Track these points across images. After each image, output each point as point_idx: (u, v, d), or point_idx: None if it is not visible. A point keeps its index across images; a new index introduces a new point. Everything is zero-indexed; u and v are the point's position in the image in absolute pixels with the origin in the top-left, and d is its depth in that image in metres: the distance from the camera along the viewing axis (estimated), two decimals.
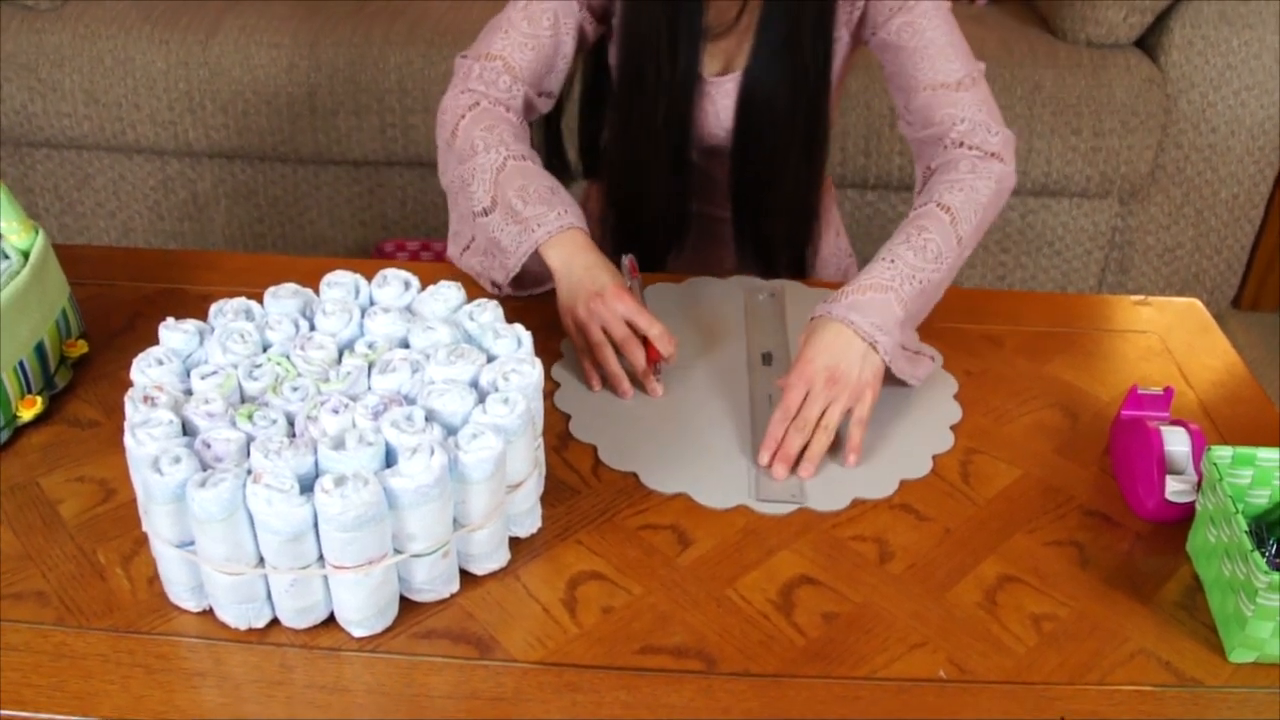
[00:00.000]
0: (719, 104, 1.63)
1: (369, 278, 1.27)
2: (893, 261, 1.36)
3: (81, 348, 1.42)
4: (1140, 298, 1.65)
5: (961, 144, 1.49)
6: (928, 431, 1.36)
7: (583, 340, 1.41)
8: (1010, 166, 1.50)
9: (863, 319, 1.31)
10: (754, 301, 1.57)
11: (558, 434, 1.33)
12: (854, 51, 1.66)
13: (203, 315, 1.22)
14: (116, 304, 1.55)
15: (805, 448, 1.29)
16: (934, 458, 1.32)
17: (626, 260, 1.49)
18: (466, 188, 1.49)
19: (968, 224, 1.42)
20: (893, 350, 1.32)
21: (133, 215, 3.03)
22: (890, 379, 1.35)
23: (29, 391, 1.32)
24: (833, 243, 1.87)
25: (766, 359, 1.46)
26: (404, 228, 2.98)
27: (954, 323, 1.52)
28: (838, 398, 1.30)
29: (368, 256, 2.97)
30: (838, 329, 1.32)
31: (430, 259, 2.93)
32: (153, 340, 1.19)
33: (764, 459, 1.29)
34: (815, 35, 1.56)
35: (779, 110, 1.61)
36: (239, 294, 1.25)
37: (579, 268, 1.41)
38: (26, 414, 1.31)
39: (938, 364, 1.45)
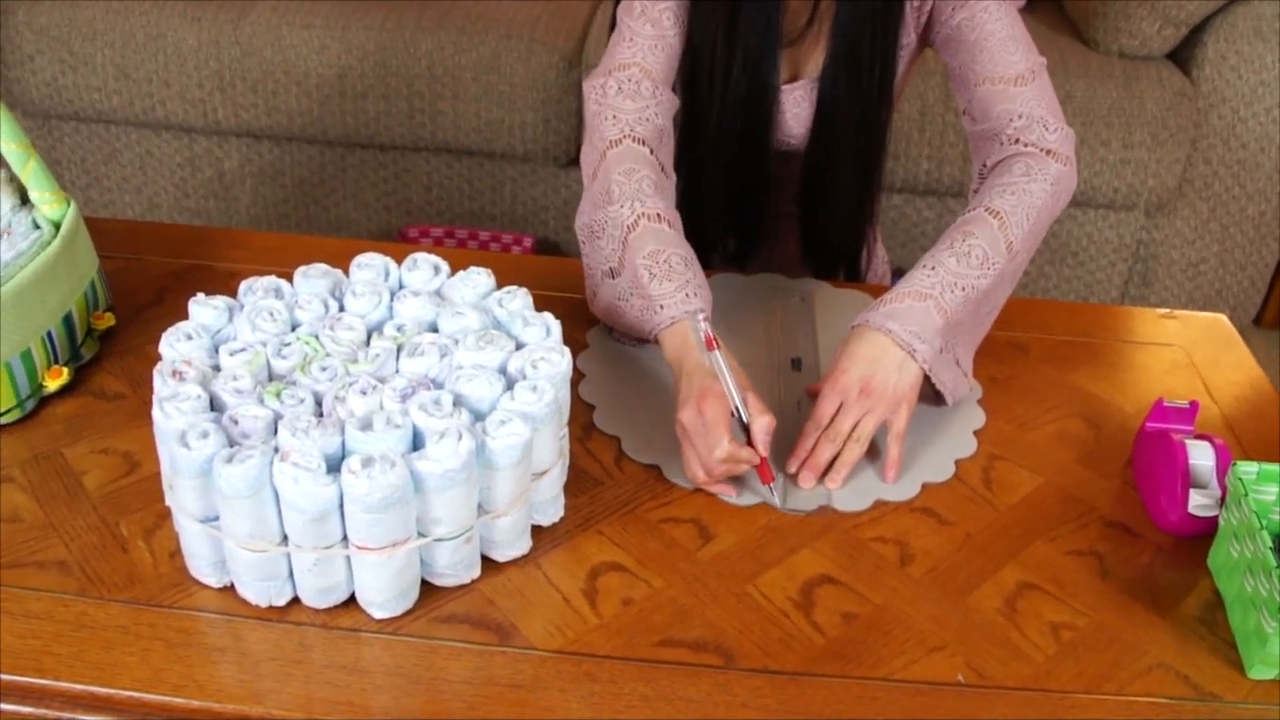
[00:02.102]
0: (789, 112, 1.62)
1: (399, 261, 1.28)
2: (934, 269, 1.33)
3: (109, 320, 1.42)
4: (1166, 311, 1.64)
5: (1017, 140, 1.45)
6: (951, 435, 1.36)
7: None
8: (1069, 167, 1.44)
9: (900, 327, 1.28)
10: (784, 305, 1.57)
11: (581, 424, 1.33)
12: (918, 54, 1.65)
13: (229, 292, 1.22)
14: (143, 278, 1.55)
15: (835, 458, 1.28)
16: (957, 462, 1.32)
17: (699, 334, 1.27)
18: (596, 240, 1.43)
19: (1019, 229, 1.36)
20: (932, 359, 1.29)
21: (158, 191, 3.04)
22: (920, 396, 1.33)
23: (55, 362, 1.33)
24: (871, 248, 1.87)
25: (796, 364, 1.45)
26: (428, 214, 2.98)
27: None
28: (872, 409, 1.27)
29: (391, 241, 2.98)
30: (874, 337, 1.29)
31: (453, 245, 2.93)
32: (179, 315, 1.20)
33: (792, 468, 1.28)
34: (886, 42, 1.55)
35: (852, 117, 1.60)
36: (265, 273, 1.25)
37: (682, 372, 1.28)
38: (53, 384, 1.31)
39: (974, 393, 1.43)
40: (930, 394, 1.36)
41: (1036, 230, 1.40)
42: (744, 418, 1.23)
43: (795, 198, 1.72)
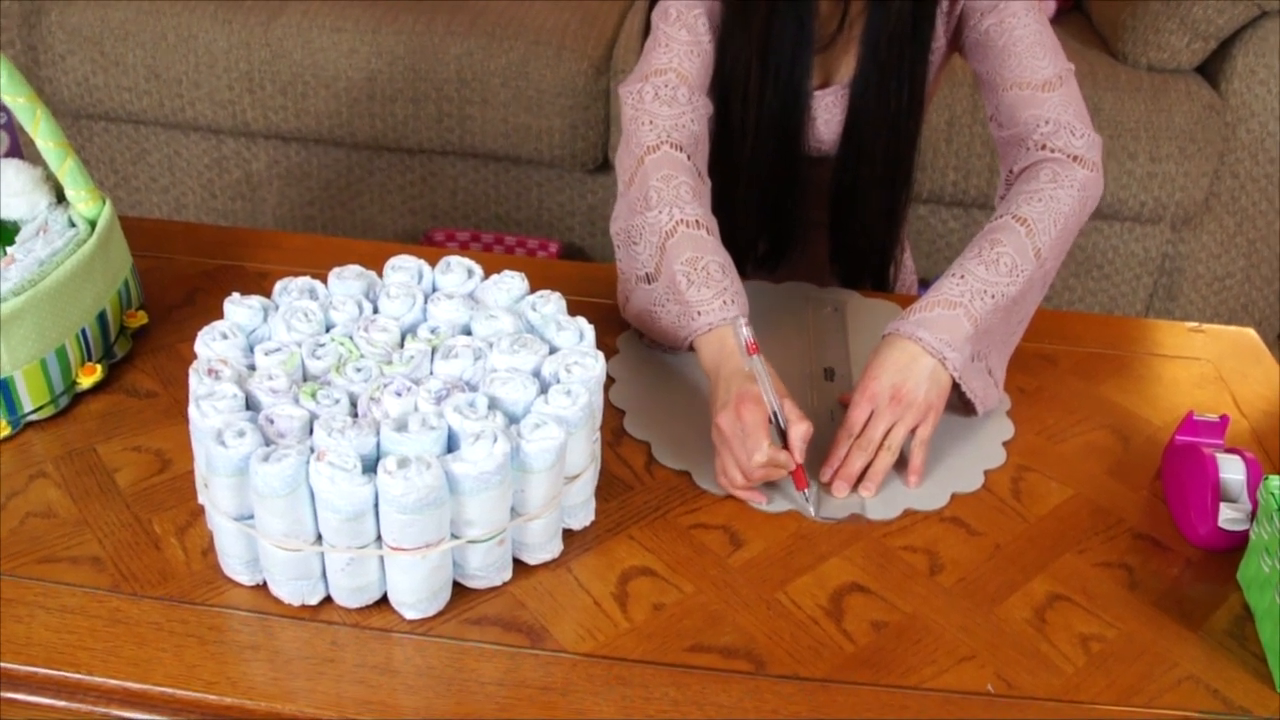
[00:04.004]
0: (820, 117, 1.63)
1: (431, 264, 1.28)
2: (962, 277, 1.33)
3: (141, 319, 1.43)
4: (1194, 324, 1.64)
5: (1044, 146, 1.45)
6: (980, 446, 1.36)
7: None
8: (1096, 173, 1.44)
9: (930, 335, 1.29)
10: (817, 315, 1.57)
11: (612, 429, 1.33)
12: (947, 60, 1.66)
13: (260, 293, 1.22)
14: (175, 277, 1.56)
15: (868, 466, 1.28)
16: (986, 473, 1.32)
17: (741, 340, 1.29)
18: (632, 245, 1.43)
19: (1046, 235, 1.37)
20: (962, 366, 1.30)
21: (185, 192, 3.06)
22: (950, 406, 1.34)
23: (89, 359, 1.34)
24: (899, 259, 1.87)
25: (829, 374, 1.45)
26: (454, 218, 2.99)
27: None
28: (903, 417, 1.28)
29: (416, 244, 2.98)
30: (904, 346, 1.30)
31: (479, 249, 2.93)
32: (210, 315, 1.21)
33: (825, 476, 1.28)
34: (918, 49, 1.56)
35: (883, 123, 1.60)
36: (296, 274, 1.26)
37: (720, 378, 1.29)
38: (86, 381, 1.32)
39: (1004, 405, 1.43)
40: (959, 404, 1.36)
41: (1064, 237, 1.40)
42: (781, 423, 1.23)
43: (826, 205, 1.72)
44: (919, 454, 1.30)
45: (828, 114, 1.63)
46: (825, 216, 1.74)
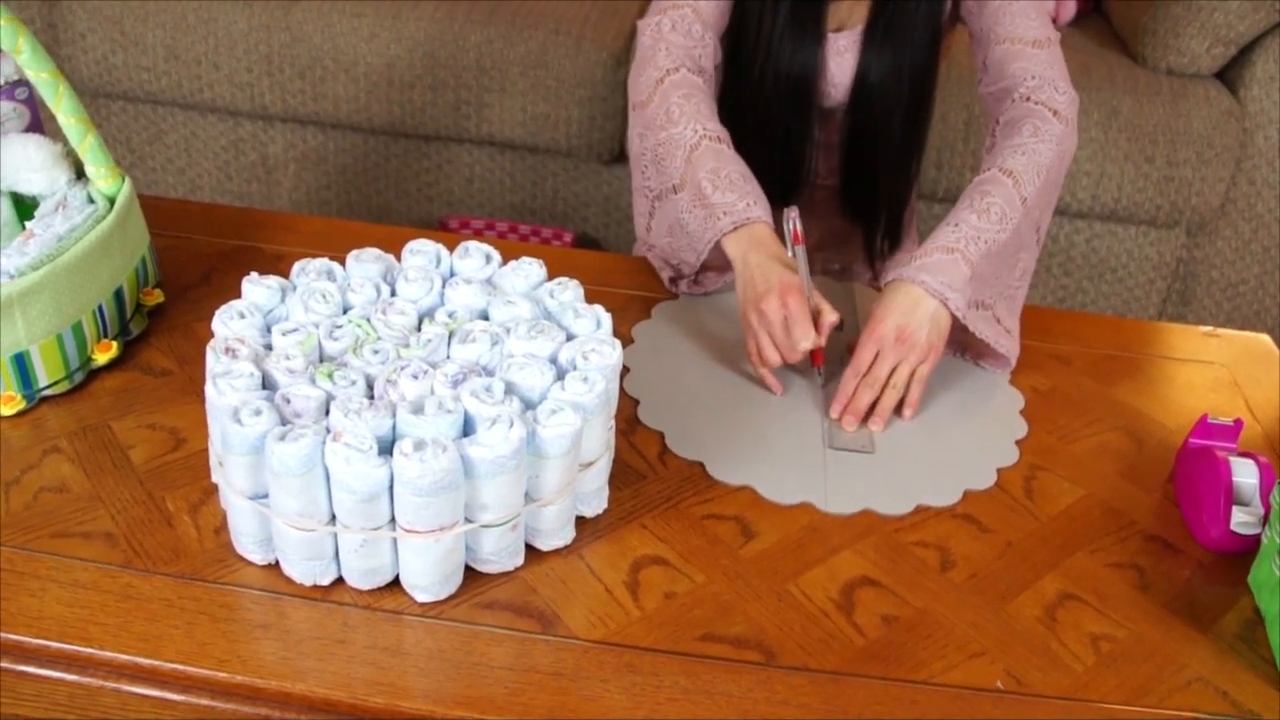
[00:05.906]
0: (833, 59, 1.68)
1: (450, 249, 1.28)
2: (957, 225, 1.40)
3: (157, 297, 1.43)
4: (1209, 329, 1.64)
5: (1029, 99, 1.53)
6: (993, 444, 1.36)
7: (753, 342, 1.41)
8: (1070, 128, 1.52)
9: (932, 278, 1.36)
10: (825, 285, 1.61)
11: (626, 418, 1.33)
12: (953, 24, 1.71)
13: (277, 274, 1.22)
14: (192, 257, 1.56)
15: (875, 403, 1.37)
16: (998, 471, 1.32)
17: (790, 226, 1.44)
18: (659, 161, 1.52)
19: (1031, 186, 1.44)
20: (964, 307, 1.37)
21: (201, 173, 3.06)
22: (967, 380, 1.37)
23: (105, 336, 1.34)
24: (911, 207, 1.91)
25: (839, 325, 1.47)
26: (469, 205, 2.99)
27: (1022, 339, 1.51)
28: (906, 357, 1.36)
29: (431, 231, 2.98)
30: (908, 290, 1.37)
31: (493, 238, 2.93)
32: (227, 295, 1.20)
33: (835, 411, 1.37)
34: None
35: (895, 69, 1.66)
36: (313, 256, 1.26)
37: (752, 264, 1.40)
38: (102, 358, 1.32)
39: (1016, 403, 1.45)
40: (990, 357, 1.46)
41: (1048, 186, 1.48)
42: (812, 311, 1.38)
43: (837, 168, 1.78)
44: (916, 390, 1.38)
45: (839, 55, 1.68)
46: (837, 180, 1.80)
